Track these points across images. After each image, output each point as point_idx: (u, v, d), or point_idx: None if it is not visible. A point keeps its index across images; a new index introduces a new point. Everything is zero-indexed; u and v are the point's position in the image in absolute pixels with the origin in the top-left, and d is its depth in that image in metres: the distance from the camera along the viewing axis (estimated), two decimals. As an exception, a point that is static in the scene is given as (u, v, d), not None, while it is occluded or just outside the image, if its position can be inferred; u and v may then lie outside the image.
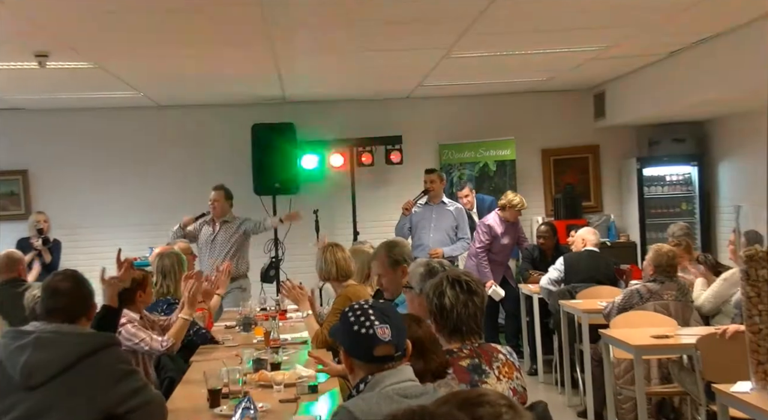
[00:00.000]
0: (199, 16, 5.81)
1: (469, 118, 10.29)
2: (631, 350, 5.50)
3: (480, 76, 8.87)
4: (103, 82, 8.12)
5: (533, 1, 5.61)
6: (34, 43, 6.33)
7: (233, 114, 9.87)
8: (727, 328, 5.00)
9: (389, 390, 2.59)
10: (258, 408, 3.61)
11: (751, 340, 4.05)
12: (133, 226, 9.65)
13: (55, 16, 5.65)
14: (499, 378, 3.19)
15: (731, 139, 9.63)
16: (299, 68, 8.04)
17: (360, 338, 2.67)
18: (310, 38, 6.74)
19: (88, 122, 10.03)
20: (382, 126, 10.01)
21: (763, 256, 4.11)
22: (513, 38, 6.95)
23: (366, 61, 7.80)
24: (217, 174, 9.39)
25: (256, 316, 6.37)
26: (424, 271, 4.05)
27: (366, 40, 6.87)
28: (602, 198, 10.58)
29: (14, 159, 10.04)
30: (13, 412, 3.43)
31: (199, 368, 4.76)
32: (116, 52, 6.90)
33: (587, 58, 7.96)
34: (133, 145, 10.11)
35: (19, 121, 9.96)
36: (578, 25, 6.57)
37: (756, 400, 3.89)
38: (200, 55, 7.20)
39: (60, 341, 3.52)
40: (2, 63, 7.05)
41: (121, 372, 3.55)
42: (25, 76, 7.60)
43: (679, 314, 6.02)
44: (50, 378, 3.43)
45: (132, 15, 5.69)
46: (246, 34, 6.39)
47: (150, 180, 10.00)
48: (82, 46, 6.61)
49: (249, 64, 7.67)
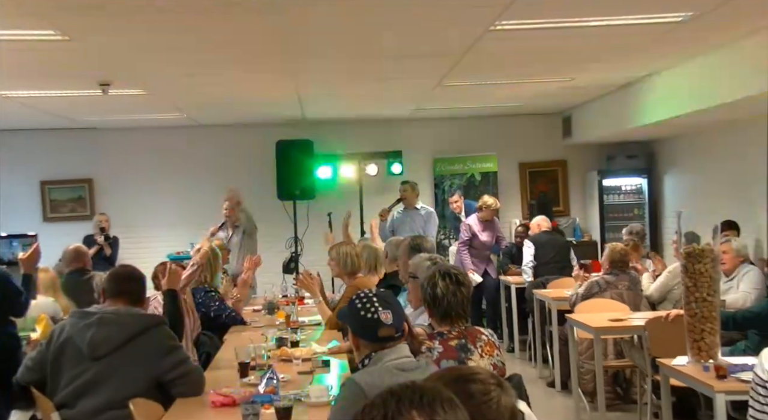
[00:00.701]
0: (232, 51, 5.82)
1: (458, 136, 10.25)
2: (592, 331, 5.51)
3: (467, 101, 8.86)
4: (154, 105, 8.13)
5: (510, 43, 5.60)
6: (98, 75, 6.34)
7: (261, 132, 9.82)
8: (670, 312, 5.00)
9: (390, 365, 2.57)
10: (279, 378, 3.60)
11: (689, 323, 4.08)
12: (177, 225, 9.62)
13: (116, 53, 5.66)
14: (482, 355, 3.16)
15: (674, 157, 9.63)
16: (316, 94, 8.02)
17: (366, 322, 2.63)
18: (324, 69, 6.72)
19: (142, 139, 10.03)
20: (385, 142, 9.98)
21: (699, 253, 4.14)
22: (494, 72, 6.95)
23: (372, 88, 7.79)
24: (246, 182, 9.39)
25: (278, 301, 6.35)
26: (429, 264, 3.99)
27: (372, 71, 6.86)
28: (569, 204, 10.54)
29: (81, 169, 10.07)
30: (82, 378, 3.48)
31: (231, 345, 4.72)
32: (165, 81, 6.91)
33: (556, 87, 7.95)
34: (178, 157, 10.11)
35: (85, 138, 9.97)
36: (548, 61, 6.59)
37: (691, 371, 3.92)
38: (233, 83, 7.19)
39: (119, 320, 3.56)
40: (72, 91, 7.05)
41: (168, 347, 3.59)
42: (91, 102, 7.58)
43: (631, 301, 6.03)
44: (112, 350, 3.48)
45: (177, 52, 5.72)
46: (272, 64, 6.38)
47: (191, 187, 9.97)
48: (138, 76, 6.63)
49: (274, 90, 7.63)
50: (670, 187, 9.80)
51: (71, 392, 3.47)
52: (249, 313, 6.16)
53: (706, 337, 3.97)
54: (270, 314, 6.02)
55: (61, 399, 3.48)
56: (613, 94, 8.43)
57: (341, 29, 5.28)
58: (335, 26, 5.18)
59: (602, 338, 5.60)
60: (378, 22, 5.08)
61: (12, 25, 4.70)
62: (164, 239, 9.19)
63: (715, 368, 3.75)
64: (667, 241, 9.01)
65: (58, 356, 3.53)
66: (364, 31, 5.36)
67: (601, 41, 5.73)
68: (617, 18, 5.05)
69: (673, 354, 4.21)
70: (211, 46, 5.60)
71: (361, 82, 7.46)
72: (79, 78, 6.47)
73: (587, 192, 10.39)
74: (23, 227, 6.98)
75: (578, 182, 10.54)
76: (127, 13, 4.58)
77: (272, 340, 4.71)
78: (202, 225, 8.75)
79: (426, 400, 1.35)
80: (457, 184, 10.12)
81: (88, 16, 4.58)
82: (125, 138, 10.03)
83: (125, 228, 9.65)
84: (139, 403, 3.30)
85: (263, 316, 6.04)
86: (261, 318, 5.99)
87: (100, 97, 7.03)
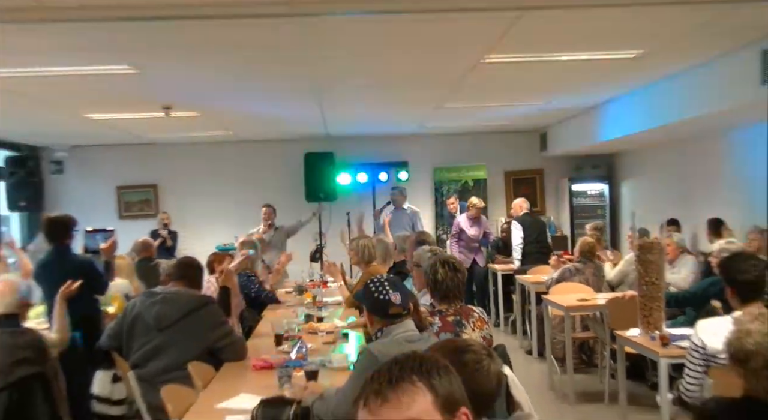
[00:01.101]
0: (271, 83, 5.84)
1: (454, 149, 10.20)
2: (563, 309, 5.52)
3: (462, 120, 8.80)
4: (206, 125, 8.13)
5: (497, 73, 5.58)
6: (161, 101, 6.38)
7: (292, 145, 9.79)
8: (626, 294, 4.99)
9: (398, 337, 2.56)
10: (308, 347, 3.64)
11: (640, 302, 4.08)
12: (224, 222, 9.54)
13: (176, 83, 5.67)
14: (474, 329, 3.15)
15: (630, 167, 9.59)
16: (337, 115, 7.99)
17: (379, 302, 2.62)
18: (344, 96, 6.73)
19: (195, 152, 10.05)
20: (394, 154, 9.97)
21: (649, 245, 4.14)
22: (484, 96, 6.92)
23: (383, 110, 7.75)
24: (280, 187, 9.42)
25: (306, 284, 6.35)
26: (430, 254, 3.95)
27: (383, 97, 6.85)
28: (545, 205, 10.47)
29: (148, 177, 10.12)
30: (150, 344, 3.52)
31: (268, 320, 4.77)
32: (216, 105, 6.92)
33: (535, 109, 7.91)
34: (224, 167, 10.09)
35: (151, 151, 10.01)
36: (527, 88, 6.58)
37: (641, 341, 3.94)
38: (271, 107, 7.20)
39: (178, 299, 3.60)
40: (141, 113, 7.06)
41: (217, 321, 3.62)
42: (155, 122, 7.59)
43: (595, 285, 6.02)
44: (172, 323, 3.52)
45: (225, 82, 5.74)
46: (302, 93, 6.40)
47: (235, 190, 9.94)
48: (193, 102, 6.65)
49: (303, 112, 7.62)
50: (626, 192, 9.76)
51: (142, 356, 3.52)
52: (282, 294, 6.16)
53: (653, 313, 3.96)
54: (299, 295, 6.02)
55: (134, 361, 3.53)
56: (580, 115, 8.41)
57: (358, 65, 5.29)
58: (354, 63, 5.20)
59: (571, 315, 5.61)
60: (389, 59, 5.09)
61: (95, 62, 4.76)
62: (214, 233, 9.22)
63: (660, 338, 3.76)
64: (624, 235, 8.97)
65: (131, 327, 3.58)
66: (378, 67, 5.36)
67: (570, 72, 5.71)
68: (583, 54, 5.06)
69: (627, 327, 4.21)
70: (253, 78, 5.63)
71: (375, 105, 7.45)
72: (146, 103, 6.51)
73: (560, 195, 10.35)
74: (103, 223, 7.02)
75: (552, 187, 10.49)
76: (186, 52, 4.63)
77: (301, 317, 4.72)
78: (244, 221, 8.75)
79: (425, 367, 1.35)
80: (453, 189, 10.08)
81: (155, 54, 4.63)
82: (182, 151, 10.05)
83: (182, 224, 9.67)
84: (195, 365, 3.35)
85: (294, 297, 6.04)
86: (292, 298, 5.99)
87: (163, 118, 7.08)
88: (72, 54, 4.52)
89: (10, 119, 7.20)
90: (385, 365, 1.36)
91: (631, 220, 8.52)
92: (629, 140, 7.89)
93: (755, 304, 3.10)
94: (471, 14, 3.79)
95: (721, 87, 5.30)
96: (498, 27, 4.20)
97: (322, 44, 4.54)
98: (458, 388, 1.36)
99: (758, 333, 2.17)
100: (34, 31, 3.85)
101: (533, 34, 4.38)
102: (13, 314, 3.29)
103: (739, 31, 4.53)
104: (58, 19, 3.56)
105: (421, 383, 1.31)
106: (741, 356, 2.17)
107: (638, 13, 3.97)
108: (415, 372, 1.33)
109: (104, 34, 4.07)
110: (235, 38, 4.29)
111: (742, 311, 2.99)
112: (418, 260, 3.96)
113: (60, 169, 9.98)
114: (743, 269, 3.16)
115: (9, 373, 3.08)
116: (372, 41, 4.55)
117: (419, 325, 2.75)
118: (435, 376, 1.33)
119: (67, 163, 10.01)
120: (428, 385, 1.32)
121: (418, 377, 1.32)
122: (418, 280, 3.99)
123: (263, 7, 3.52)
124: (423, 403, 1.29)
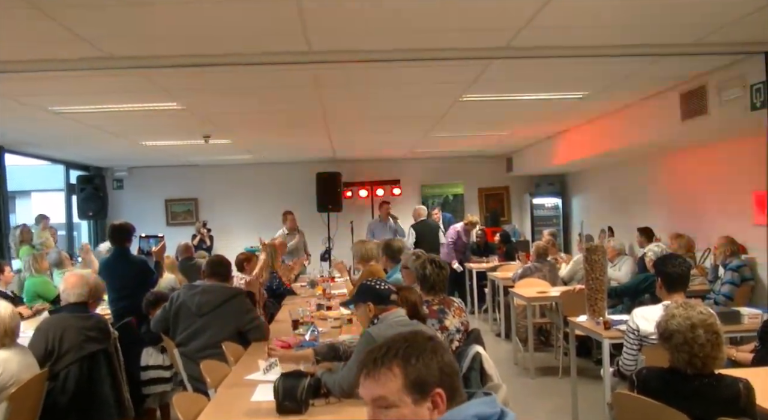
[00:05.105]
0: (289, 118, 5.86)
1: (438, 169, 10.22)
2: (525, 300, 5.51)
3: (444, 147, 8.77)
4: (237, 150, 8.11)
5: (472, 109, 5.58)
6: (202, 129, 6.35)
7: (305, 167, 9.76)
8: (576, 287, 5.02)
9: (392, 322, 2.52)
10: (319, 330, 3.63)
11: (587, 294, 4.04)
12: (250, 228, 9.49)
13: (214, 117, 5.69)
14: (454, 316, 3.12)
15: (578, 184, 9.59)
16: (342, 142, 7.97)
17: (382, 292, 2.61)
18: (348, 128, 6.73)
19: (229, 171, 10.02)
20: (388, 173, 9.98)
21: (594, 248, 4.12)
22: (462, 127, 6.90)
23: (380, 138, 7.71)
24: (295, 201, 9.34)
25: (318, 279, 6.33)
26: (415, 257, 3.97)
27: (379, 127, 6.82)
28: (511, 215, 10.48)
29: (190, 192, 10.12)
30: (191, 327, 3.50)
31: (286, 308, 4.73)
32: (245, 134, 6.90)
33: (503, 138, 7.92)
34: (250, 183, 10.06)
35: (192, 171, 10.00)
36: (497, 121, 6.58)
37: (588, 325, 3.92)
38: (289, 137, 7.20)
39: (214, 291, 3.58)
40: (185, 140, 7.04)
41: (245, 309, 3.60)
42: (196, 148, 7.58)
43: (551, 280, 6.03)
44: (210, 310, 3.50)
45: (253, 116, 5.75)
46: (315, 126, 6.42)
47: (259, 203, 9.91)
48: (227, 131, 6.64)
49: (314, 141, 7.61)
50: (576, 205, 9.77)
51: (185, 337, 3.50)
52: (298, 287, 6.15)
53: (598, 303, 3.94)
54: (312, 288, 5.99)
55: (179, 341, 3.52)
56: (539, 143, 8.43)
57: (359, 103, 5.31)
58: (355, 101, 5.23)
59: (532, 304, 5.60)
60: (385, 98, 5.12)
61: (151, 101, 4.80)
62: (242, 237, 9.23)
63: (603, 323, 3.75)
64: (574, 240, 9.01)
65: (176, 313, 3.57)
66: (374, 104, 5.38)
67: (530, 109, 5.72)
68: (541, 94, 5.10)
69: (577, 314, 4.19)
70: (276, 114, 5.65)
71: (373, 134, 7.44)
72: (190, 132, 6.52)
73: (523, 207, 10.35)
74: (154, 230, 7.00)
75: (517, 201, 10.49)
76: (221, 93, 4.67)
77: (314, 305, 4.72)
78: (267, 228, 8.73)
79: (406, 352, 1.29)
80: (437, 202, 10.10)
81: (198, 94, 4.67)
82: (218, 171, 10.04)
83: (217, 229, 9.63)
84: (228, 344, 3.34)
85: (307, 289, 6.01)
86: (306, 291, 5.96)
87: (202, 145, 7.08)
88: (133, 94, 4.56)
89: (83, 145, 7.24)
90: (376, 347, 1.34)
91: (579, 227, 8.60)
92: (578, 163, 7.97)
93: (679, 295, 3.13)
94: (451, 62, 3.84)
95: (650, 121, 5.36)
96: (472, 73, 4.25)
97: (329, 87, 4.57)
98: (435, 371, 1.28)
99: (680, 317, 2.21)
100: (104, 76, 3.88)
101: (501, 79, 4.42)
102: (83, 302, 3.29)
103: (661, 79, 4.61)
104: (123, 67, 3.61)
105: (398, 368, 1.28)
106: (666, 335, 2.21)
107: (583, 63, 4.03)
108: (397, 356, 1.29)
109: (160, 79, 4.11)
110: (260, 82, 4.33)
111: (668, 300, 3.02)
112: (405, 263, 3.96)
113: (120, 185, 10.05)
114: (673, 265, 3.19)
115: (80, 348, 3.09)
116: (371, 84, 4.58)
117: (421, 318, 2.74)
118: (412, 361, 1.28)
119: (126, 180, 10.06)
120: (402, 369, 1.27)
121: (397, 362, 1.28)
122: (407, 278, 3.97)
123: (282, 56, 3.55)
124: (393, 385, 1.27)
